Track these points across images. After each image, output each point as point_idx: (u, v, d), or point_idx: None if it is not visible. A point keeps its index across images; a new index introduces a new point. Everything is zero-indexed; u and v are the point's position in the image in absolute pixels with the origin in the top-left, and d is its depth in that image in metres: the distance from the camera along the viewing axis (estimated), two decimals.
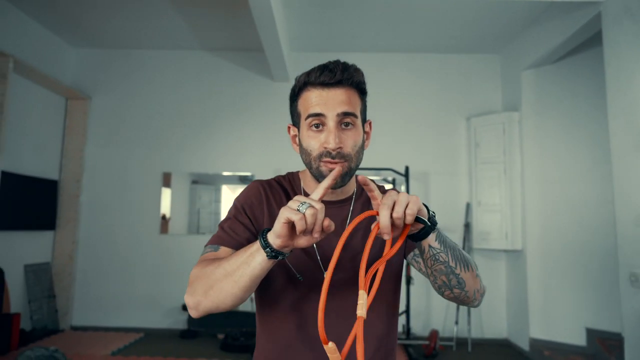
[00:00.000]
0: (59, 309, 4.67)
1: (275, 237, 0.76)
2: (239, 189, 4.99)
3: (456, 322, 4.48)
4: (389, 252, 0.79)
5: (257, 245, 0.79)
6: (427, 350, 4.09)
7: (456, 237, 4.71)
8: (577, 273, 4.04)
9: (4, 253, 3.99)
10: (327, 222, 0.76)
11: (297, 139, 1.00)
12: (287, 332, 0.98)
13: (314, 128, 0.92)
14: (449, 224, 4.74)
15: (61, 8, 4.18)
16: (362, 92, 0.98)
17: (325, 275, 0.73)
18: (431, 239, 0.86)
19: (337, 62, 0.93)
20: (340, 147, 0.90)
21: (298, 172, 1.10)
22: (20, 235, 4.30)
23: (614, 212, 3.09)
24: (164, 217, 4.96)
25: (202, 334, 4.59)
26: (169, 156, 5.00)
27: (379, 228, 0.77)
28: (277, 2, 3.63)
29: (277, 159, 4.93)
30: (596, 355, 3.75)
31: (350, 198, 1.03)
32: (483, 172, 4.61)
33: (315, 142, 0.92)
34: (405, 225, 0.79)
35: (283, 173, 1.12)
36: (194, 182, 5.05)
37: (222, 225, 1.00)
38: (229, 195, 5.04)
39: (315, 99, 0.92)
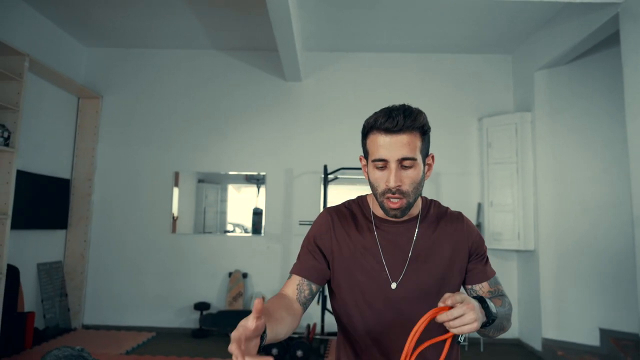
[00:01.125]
0: (70, 307, 4.67)
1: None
2: (244, 188, 5.03)
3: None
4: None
5: None
6: None
7: None
8: (590, 273, 4.04)
9: (18, 252, 3.99)
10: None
11: (366, 169, 1.13)
12: (358, 342, 1.14)
13: (378, 167, 1.06)
14: None
15: (74, 6, 4.18)
16: (424, 133, 1.06)
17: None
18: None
19: (400, 109, 1.04)
20: (399, 186, 1.03)
21: (367, 196, 1.24)
22: (33, 234, 4.30)
23: (632, 212, 3.09)
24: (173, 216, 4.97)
25: (214, 333, 4.59)
26: (180, 155, 5.00)
27: (436, 313, 0.88)
28: (293, 1, 3.63)
29: (288, 158, 4.94)
30: (610, 355, 3.75)
31: (415, 218, 1.16)
32: (495, 173, 4.62)
33: (379, 180, 1.06)
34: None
35: (295, 173, 1.31)
36: (200, 181, 5.05)
37: (299, 254, 1.18)
38: (234, 195, 5.04)
39: (380, 144, 1.04)
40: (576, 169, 4.19)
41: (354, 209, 1.20)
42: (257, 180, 4.97)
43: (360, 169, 4.37)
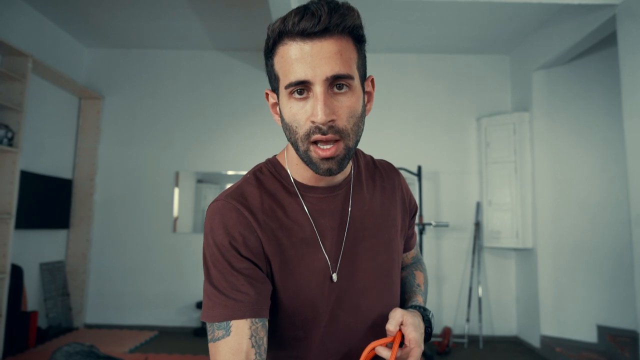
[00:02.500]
0: (73, 307, 4.70)
1: None
2: None
3: (467, 320, 4.54)
4: None
5: None
6: (440, 347, 4.14)
7: (466, 236, 4.77)
8: (587, 271, 4.11)
9: (21, 252, 4.02)
10: None
11: (277, 108, 0.77)
12: (300, 349, 0.80)
13: (296, 95, 0.70)
14: (459, 223, 4.80)
15: (75, 8, 4.20)
16: (358, 40, 0.72)
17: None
18: None
19: (320, 2, 0.67)
20: (332, 121, 0.69)
21: (276, 157, 0.86)
22: (35, 234, 4.33)
23: (629, 210, 3.15)
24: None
25: None
26: (182, 155, 5.04)
27: (375, 345, 0.74)
28: (295, 2, 3.67)
29: None
30: (607, 351, 3.81)
31: (347, 180, 0.83)
32: (493, 172, 4.67)
33: (299, 114, 0.70)
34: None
35: None
36: (199, 181, 5.08)
37: (216, 285, 0.71)
38: None
39: (296, 57, 0.67)
40: (574, 168, 4.25)
41: (268, 183, 0.80)
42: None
43: None
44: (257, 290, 0.71)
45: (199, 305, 4.66)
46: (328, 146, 0.70)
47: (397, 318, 0.73)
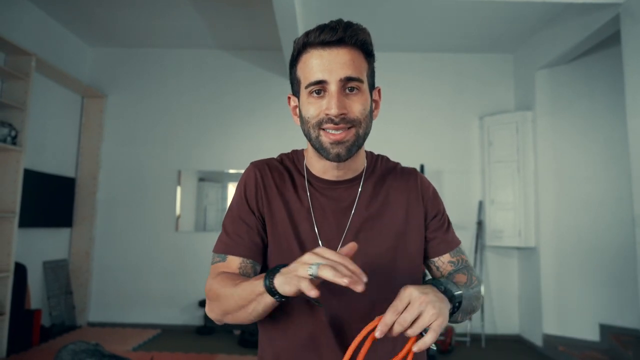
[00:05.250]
0: (76, 305, 4.71)
1: (284, 291, 0.66)
2: None
3: (469, 319, 4.54)
4: None
5: (263, 288, 0.69)
6: (443, 346, 4.15)
7: (469, 235, 4.77)
8: (590, 270, 4.11)
9: (25, 250, 4.03)
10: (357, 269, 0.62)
11: (297, 110, 0.88)
12: (289, 335, 0.86)
13: (314, 95, 0.81)
14: (462, 221, 4.80)
15: (79, 6, 4.20)
16: (368, 54, 0.85)
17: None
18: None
19: (339, 20, 0.82)
20: (344, 113, 0.79)
21: (303, 149, 0.98)
22: (39, 232, 4.34)
23: (633, 210, 3.15)
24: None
25: (219, 330, 4.63)
26: (184, 154, 5.04)
27: (374, 326, 0.65)
28: (299, 1, 3.67)
29: None
30: (610, 350, 3.82)
31: (360, 176, 0.91)
32: (496, 171, 4.67)
33: (315, 108, 0.81)
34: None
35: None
36: (201, 179, 5.09)
37: (226, 226, 0.90)
38: (233, 192, 5.07)
39: (316, 61, 0.80)
40: (577, 167, 4.25)
41: (287, 164, 0.94)
42: None
43: None
44: (252, 239, 0.87)
45: (201, 303, 4.67)
46: (339, 131, 0.80)
47: (400, 294, 0.68)
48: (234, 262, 0.85)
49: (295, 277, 0.63)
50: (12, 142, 3.59)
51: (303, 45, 0.82)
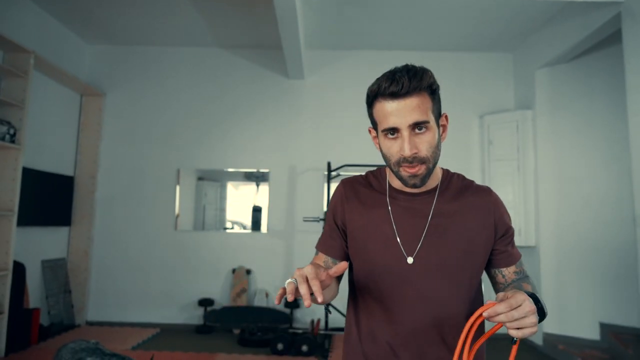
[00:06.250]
0: (74, 304, 4.68)
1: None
2: (243, 186, 5.05)
3: None
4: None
5: None
6: None
7: None
8: (590, 268, 4.11)
9: (23, 249, 4.00)
10: (304, 291, 0.79)
11: (376, 141, 1.06)
12: (371, 316, 1.07)
13: (389, 136, 0.98)
14: None
15: (78, 4, 4.18)
16: (432, 92, 0.98)
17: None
18: None
19: (403, 71, 0.94)
20: (415, 153, 0.95)
21: (385, 167, 1.14)
22: (37, 230, 4.31)
23: (633, 209, 3.14)
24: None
25: (218, 329, 4.62)
26: (183, 153, 5.02)
27: (485, 310, 0.81)
28: (300, 1, 3.66)
29: (291, 155, 4.97)
30: (610, 349, 3.82)
31: (434, 190, 1.07)
32: (496, 170, 4.67)
33: (392, 149, 0.98)
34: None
35: (298, 169, 1.18)
36: (200, 178, 5.07)
37: (324, 228, 1.17)
38: (233, 193, 5.07)
39: (388, 111, 0.95)
40: (577, 166, 4.24)
41: (371, 180, 1.14)
42: (256, 178, 5.00)
43: (362, 165, 4.42)
44: (335, 242, 1.11)
45: (200, 302, 4.66)
46: (413, 168, 0.97)
47: (498, 295, 0.85)
48: (321, 257, 1.12)
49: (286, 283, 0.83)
50: (10, 140, 3.57)
51: (375, 94, 0.97)
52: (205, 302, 4.66)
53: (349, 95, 5.01)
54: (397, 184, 1.08)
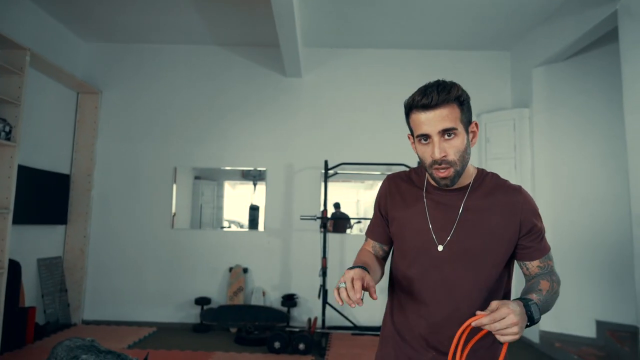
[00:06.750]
0: (70, 303, 4.66)
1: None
2: (240, 185, 5.04)
3: None
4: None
5: None
6: None
7: None
8: (586, 267, 4.12)
9: (19, 247, 3.98)
10: (353, 297, 0.99)
11: (414, 145, 1.21)
12: (404, 295, 1.25)
13: (423, 141, 1.13)
14: None
15: (74, 2, 4.16)
16: (461, 102, 1.11)
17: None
18: None
19: (433, 86, 1.10)
20: (444, 156, 1.09)
21: None
22: (33, 229, 4.29)
23: (630, 205, 3.15)
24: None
25: (215, 328, 4.61)
26: (180, 151, 5.01)
27: (473, 320, 0.95)
28: (297, 1, 3.66)
29: (289, 154, 4.96)
30: (606, 346, 3.83)
31: (466, 187, 1.20)
32: (493, 168, 4.67)
33: (425, 153, 1.13)
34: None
35: (295, 167, 1.34)
36: (197, 177, 5.06)
37: (372, 218, 1.37)
38: (230, 192, 5.06)
39: (421, 120, 1.11)
40: (574, 164, 4.25)
41: (412, 176, 1.30)
42: (253, 177, 4.99)
43: (359, 164, 4.44)
44: (380, 229, 1.32)
45: (197, 301, 4.64)
46: (443, 170, 1.10)
47: (491, 305, 0.96)
48: (369, 243, 1.35)
49: (338, 284, 1.03)
50: (6, 138, 3.55)
51: (410, 106, 1.13)
52: (202, 301, 4.64)
53: (347, 93, 5.01)
54: (432, 180, 1.22)
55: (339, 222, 5.02)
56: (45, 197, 4.37)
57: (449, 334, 1.12)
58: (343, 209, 5.01)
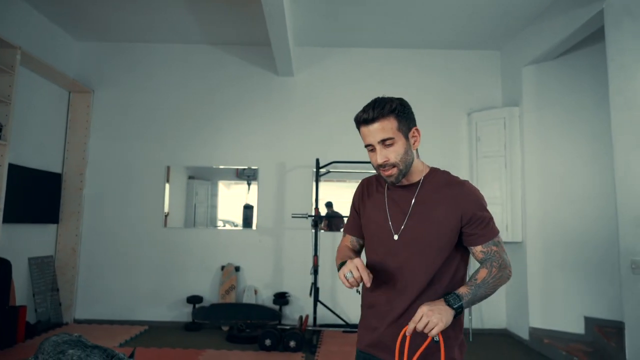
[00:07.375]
0: (62, 302, 4.66)
1: (340, 276, 1.27)
2: (234, 185, 5.06)
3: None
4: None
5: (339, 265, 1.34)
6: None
7: None
8: (575, 264, 4.15)
9: (9, 246, 3.98)
10: (366, 277, 1.22)
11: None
12: (374, 278, 1.38)
13: (369, 150, 1.33)
14: None
15: (66, 0, 4.16)
16: (397, 114, 1.27)
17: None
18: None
19: (371, 104, 1.29)
20: (386, 161, 1.29)
21: None
22: (24, 228, 4.29)
23: (616, 203, 3.18)
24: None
25: (207, 326, 4.62)
26: (173, 150, 5.01)
27: (405, 330, 1.18)
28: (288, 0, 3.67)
29: (280, 152, 4.98)
30: (594, 342, 3.87)
31: (417, 184, 1.38)
32: (484, 166, 4.71)
33: (372, 159, 1.33)
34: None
35: (287, 166, 1.51)
36: (191, 177, 5.06)
37: (349, 216, 1.56)
38: (224, 192, 5.07)
39: (365, 133, 1.31)
40: (563, 162, 4.29)
41: (380, 178, 1.46)
42: (247, 177, 5.00)
43: (350, 162, 4.49)
44: (356, 224, 1.51)
45: (189, 299, 4.65)
46: (387, 171, 1.31)
47: (417, 313, 1.17)
48: (348, 238, 1.55)
49: (341, 273, 1.25)
50: None
51: (357, 122, 1.33)
52: (194, 300, 4.65)
53: (338, 92, 5.03)
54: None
55: (332, 220, 5.05)
56: (37, 195, 4.36)
57: (402, 305, 1.31)
58: (336, 209, 5.03)
